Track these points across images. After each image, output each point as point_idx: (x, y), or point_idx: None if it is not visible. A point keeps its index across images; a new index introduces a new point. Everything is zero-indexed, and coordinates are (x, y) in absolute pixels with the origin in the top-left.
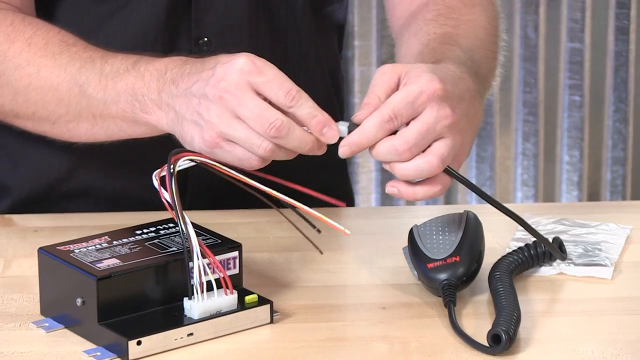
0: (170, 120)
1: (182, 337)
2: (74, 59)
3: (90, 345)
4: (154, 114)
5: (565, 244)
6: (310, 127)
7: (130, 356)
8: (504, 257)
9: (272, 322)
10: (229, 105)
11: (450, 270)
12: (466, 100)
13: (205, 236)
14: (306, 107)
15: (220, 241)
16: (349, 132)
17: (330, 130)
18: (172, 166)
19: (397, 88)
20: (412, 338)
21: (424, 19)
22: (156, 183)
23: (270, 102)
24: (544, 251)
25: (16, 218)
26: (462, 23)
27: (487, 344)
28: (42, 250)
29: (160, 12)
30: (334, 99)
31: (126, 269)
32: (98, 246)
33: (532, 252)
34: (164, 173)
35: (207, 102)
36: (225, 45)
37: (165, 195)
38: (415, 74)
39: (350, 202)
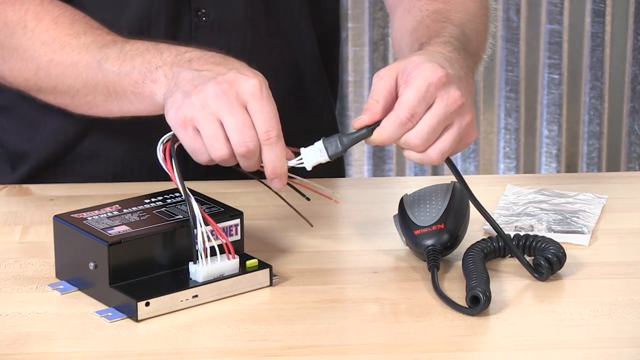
0: (168, 88)
1: (187, 299)
2: (97, 40)
3: (102, 306)
4: (159, 82)
5: (545, 212)
6: (266, 170)
7: (139, 316)
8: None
9: (271, 284)
10: (219, 105)
11: (435, 236)
12: (464, 78)
13: (209, 205)
14: (272, 154)
15: (222, 209)
16: (330, 157)
17: (280, 183)
18: (174, 144)
19: (395, 90)
20: (402, 300)
21: None
22: (160, 156)
23: None
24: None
25: (33, 188)
26: (453, 2)
27: (466, 306)
28: (57, 218)
29: None
30: (324, 69)
31: (135, 235)
32: (109, 214)
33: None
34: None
35: (204, 89)
36: (222, 16)
37: (171, 170)
38: (414, 67)
39: (341, 172)
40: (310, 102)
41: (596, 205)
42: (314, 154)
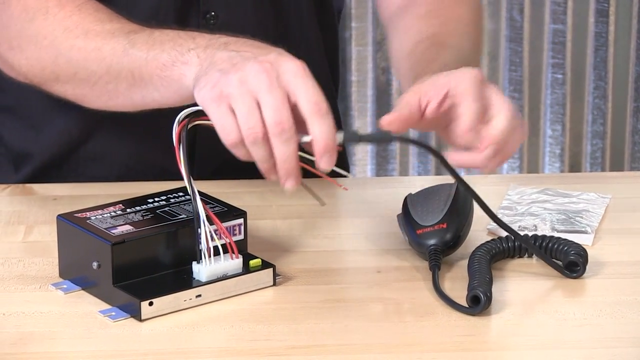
0: (200, 68)
1: (190, 299)
2: (124, 27)
3: (105, 306)
4: (190, 64)
5: (548, 211)
6: (317, 145)
7: (143, 316)
8: (484, 243)
9: (274, 284)
10: (259, 83)
11: (437, 236)
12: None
13: (213, 204)
14: (325, 125)
15: (226, 209)
16: (344, 141)
17: (330, 159)
18: (181, 143)
19: (419, 105)
20: (405, 300)
21: (416, 15)
22: (175, 137)
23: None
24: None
25: (37, 187)
26: (450, 21)
27: (467, 305)
28: (60, 217)
29: None
30: (329, 74)
31: (139, 234)
32: (113, 213)
33: (510, 244)
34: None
35: (243, 67)
36: (231, 19)
37: (182, 162)
38: (466, 90)
39: (345, 166)
40: None
41: (600, 205)
42: None
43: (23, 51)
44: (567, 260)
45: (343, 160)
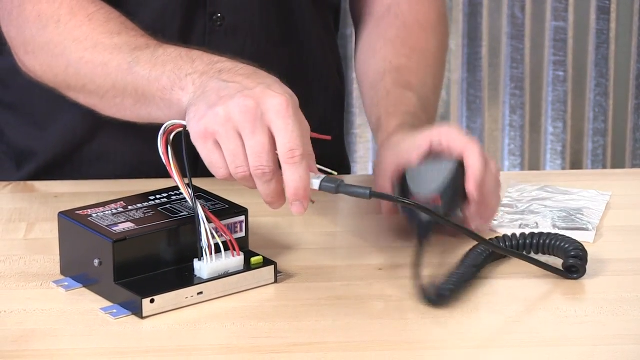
0: (194, 96)
1: (192, 296)
2: (131, 41)
3: (107, 303)
4: (186, 90)
5: (549, 209)
6: (287, 191)
7: (144, 313)
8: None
9: (276, 281)
10: (242, 122)
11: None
12: None
13: (214, 202)
14: (296, 174)
15: (227, 206)
16: (320, 188)
17: (300, 206)
18: (168, 150)
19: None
20: (407, 297)
21: (384, 38)
22: (162, 149)
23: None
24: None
25: (38, 184)
26: (415, 54)
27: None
28: (62, 215)
29: None
30: (336, 73)
31: (140, 232)
32: (114, 211)
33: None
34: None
35: (229, 102)
36: (237, 21)
37: (173, 172)
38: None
39: (346, 170)
40: (320, 110)
41: (600, 202)
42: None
43: (37, 57)
44: (567, 262)
45: (343, 158)
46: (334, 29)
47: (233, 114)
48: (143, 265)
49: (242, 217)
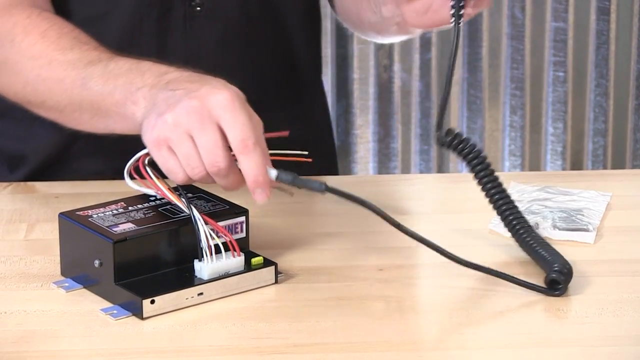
0: (146, 110)
1: (192, 297)
2: (84, 56)
3: (107, 304)
4: (138, 104)
5: (549, 209)
6: (247, 181)
7: (145, 314)
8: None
9: (276, 282)
10: (190, 123)
11: None
12: None
13: (214, 202)
14: (252, 162)
15: (228, 207)
16: (277, 178)
17: (263, 193)
18: (147, 171)
19: None
20: (407, 297)
21: None
22: (129, 177)
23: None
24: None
25: (38, 185)
26: None
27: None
28: (62, 215)
29: None
30: (315, 53)
31: (140, 232)
32: (114, 211)
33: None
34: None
35: (175, 107)
36: (217, 5)
37: (162, 188)
38: None
39: (333, 160)
40: (304, 88)
41: (600, 203)
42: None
43: None
44: (549, 278)
45: (332, 161)
46: (318, 12)
47: (181, 118)
48: (143, 266)
49: (243, 218)
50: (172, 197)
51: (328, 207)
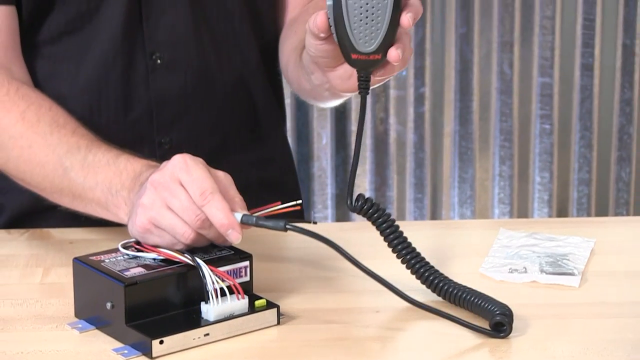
0: (128, 211)
1: (199, 337)
2: (62, 142)
3: (119, 344)
4: (121, 208)
5: (537, 254)
6: (216, 227)
7: (154, 354)
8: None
9: (278, 323)
10: (162, 194)
11: (370, 65)
12: None
13: (220, 248)
14: (213, 208)
15: (233, 252)
16: (241, 221)
17: (234, 233)
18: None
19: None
20: (403, 337)
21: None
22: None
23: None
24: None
25: (54, 231)
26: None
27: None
28: (76, 260)
29: (117, 33)
30: (274, 98)
31: (150, 276)
32: (125, 256)
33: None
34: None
35: (145, 193)
36: (175, 57)
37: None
38: None
39: (297, 196)
40: (265, 132)
41: (585, 248)
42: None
43: None
44: (494, 321)
45: (294, 185)
46: (274, 61)
47: (154, 195)
48: (153, 308)
49: (247, 262)
50: (174, 253)
51: (328, 253)
